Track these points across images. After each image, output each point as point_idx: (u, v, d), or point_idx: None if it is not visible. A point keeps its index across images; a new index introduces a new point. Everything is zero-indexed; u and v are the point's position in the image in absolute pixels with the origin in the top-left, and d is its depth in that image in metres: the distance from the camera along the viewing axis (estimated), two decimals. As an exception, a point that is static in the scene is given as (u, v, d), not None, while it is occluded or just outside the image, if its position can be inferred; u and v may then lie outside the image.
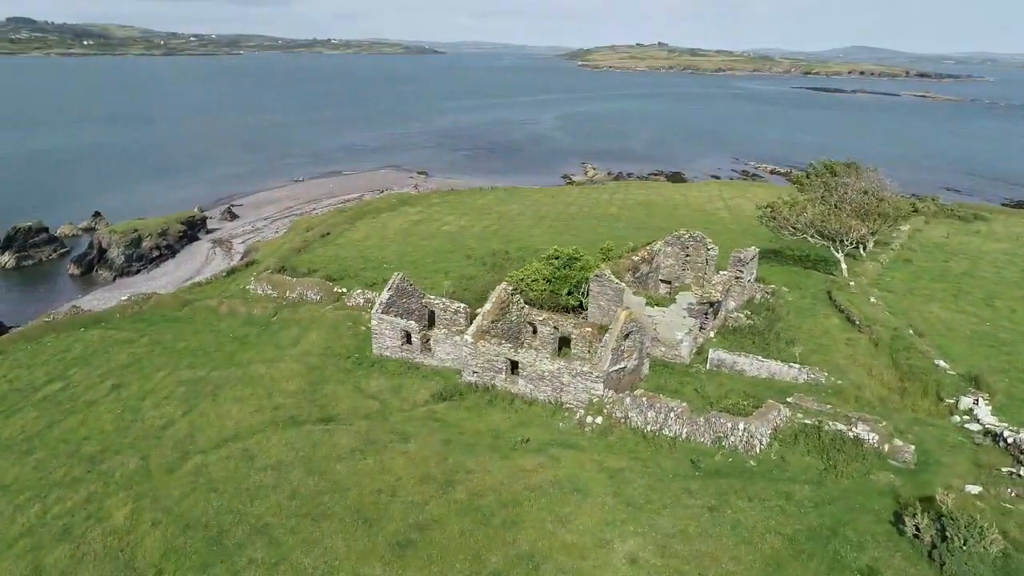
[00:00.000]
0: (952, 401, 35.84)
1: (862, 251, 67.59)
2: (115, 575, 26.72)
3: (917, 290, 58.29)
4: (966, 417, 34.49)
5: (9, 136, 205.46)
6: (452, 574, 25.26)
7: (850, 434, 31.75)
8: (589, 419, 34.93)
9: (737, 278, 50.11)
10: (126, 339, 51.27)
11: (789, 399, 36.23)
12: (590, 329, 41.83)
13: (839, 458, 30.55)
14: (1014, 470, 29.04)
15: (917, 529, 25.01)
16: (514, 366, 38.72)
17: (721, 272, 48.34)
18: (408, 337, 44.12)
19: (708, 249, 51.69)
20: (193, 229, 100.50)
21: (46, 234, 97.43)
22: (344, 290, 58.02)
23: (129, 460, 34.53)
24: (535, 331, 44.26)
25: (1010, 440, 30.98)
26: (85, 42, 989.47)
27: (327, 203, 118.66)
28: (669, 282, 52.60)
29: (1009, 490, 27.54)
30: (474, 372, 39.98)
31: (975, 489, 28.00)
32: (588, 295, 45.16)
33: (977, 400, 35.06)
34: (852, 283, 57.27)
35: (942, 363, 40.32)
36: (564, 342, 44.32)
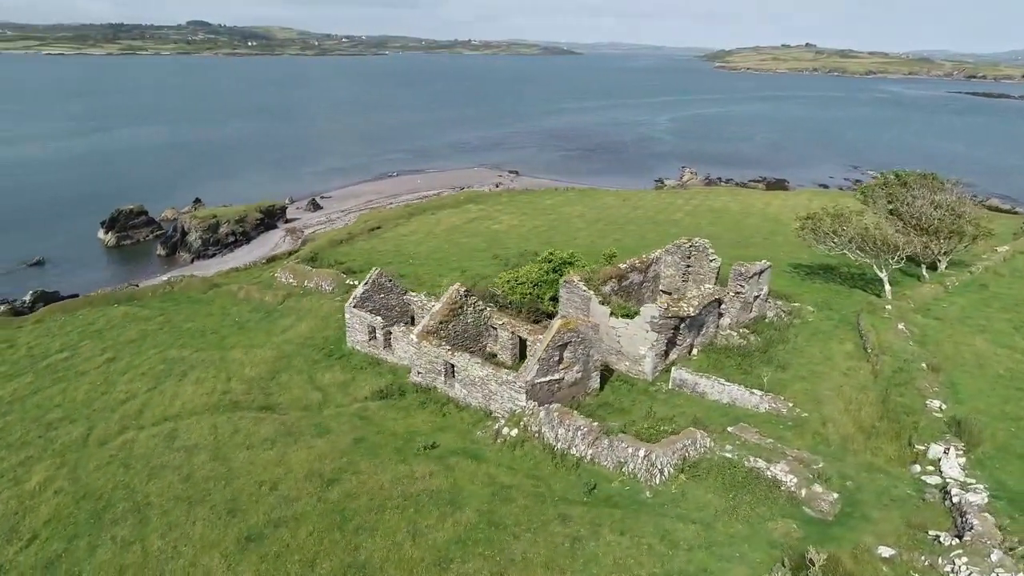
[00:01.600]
0: (922, 448, 31.06)
1: (925, 271, 60.51)
2: (0, 535, 28.35)
3: (971, 319, 51.18)
4: (930, 468, 29.76)
5: (160, 127, 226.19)
6: (277, 575, 24.78)
7: (767, 474, 28.27)
8: (506, 430, 33.32)
9: (737, 293, 46.14)
10: (145, 317, 54.72)
11: (730, 428, 32.94)
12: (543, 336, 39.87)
13: (745, 499, 27.27)
14: (940, 534, 24.65)
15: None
16: (453, 369, 37.63)
17: (705, 286, 44.72)
18: (373, 332, 44.05)
19: (710, 260, 48.06)
20: (272, 218, 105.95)
21: (145, 216, 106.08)
22: (355, 283, 58.90)
23: (76, 430, 36.69)
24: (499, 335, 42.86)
25: (955, 499, 26.37)
26: (250, 43, 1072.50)
27: (405, 198, 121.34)
28: (669, 293, 49.33)
29: (923, 558, 23.41)
30: (419, 372, 39.29)
31: (887, 552, 24.06)
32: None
33: (948, 449, 30.15)
34: (889, 306, 51.25)
35: (935, 404, 35.06)
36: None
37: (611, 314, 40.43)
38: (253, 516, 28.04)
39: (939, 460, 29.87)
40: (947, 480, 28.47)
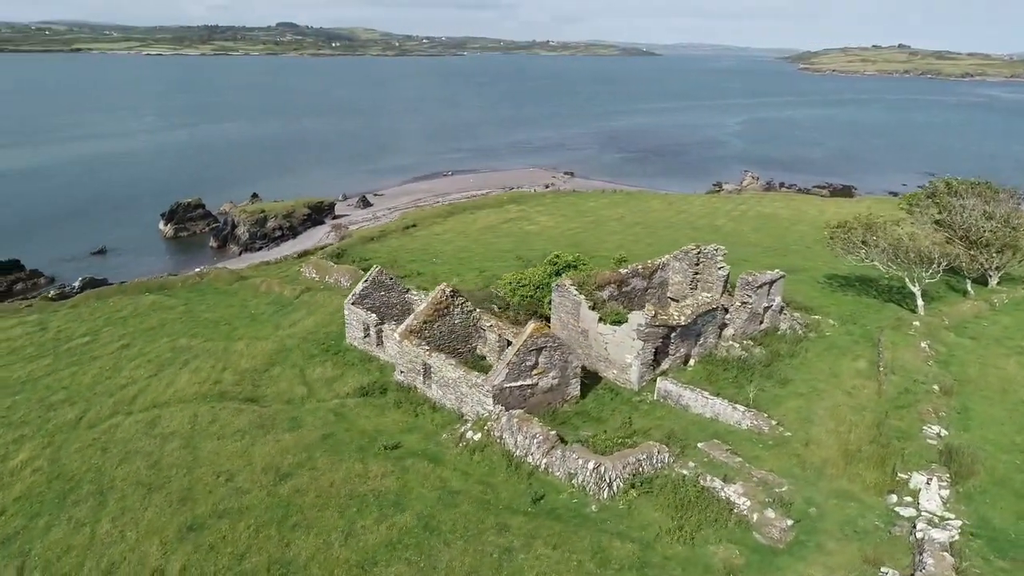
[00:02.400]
0: (905, 477, 28.77)
1: (970, 286, 56.51)
2: (-28, 510, 29.76)
3: (1011, 340, 47.31)
4: (908, 498, 27.52)
5: (236, 124, 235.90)
6: (206, 566, 25.05)
7: (721, 495, 26.77)
8: (470, 434, 32.78)
9: (744, 303, 44.10)
10: (169, 306, 56.80)
11: (700, 444, 31.48)
12: (527, 340, 39.07)
13: (692, 520, 25.89)
14: (889, 571, 22.71)
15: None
16: (430, 370, 37.35)
17: (703, 294, 42.90)
18: (368, 329, 44.26)
19: (718, 268, 46.14)
20: (319, 214, 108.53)
21: (202, 209, 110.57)
22: (372, 280, 59.45)
23: (71, 412, 38.20)
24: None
25: (918, 535, 24.28)
26: (334, 44, 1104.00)
27: (452, 197, 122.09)
28: (677, 300, 47.61)
29: (866, 597, 21.63)
30: (401, 371, 39.20)
31: (831, 587, 22.36)
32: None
33: (931, 480, 27.82)
34: (917, 323, 48.01)
35: (933, 430, 32.48)
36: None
37: (599, 320, 39.29)
38: (202, 506, 28.49)
39: (919, 491, 27.60)
40: (922, 513, 26.28)
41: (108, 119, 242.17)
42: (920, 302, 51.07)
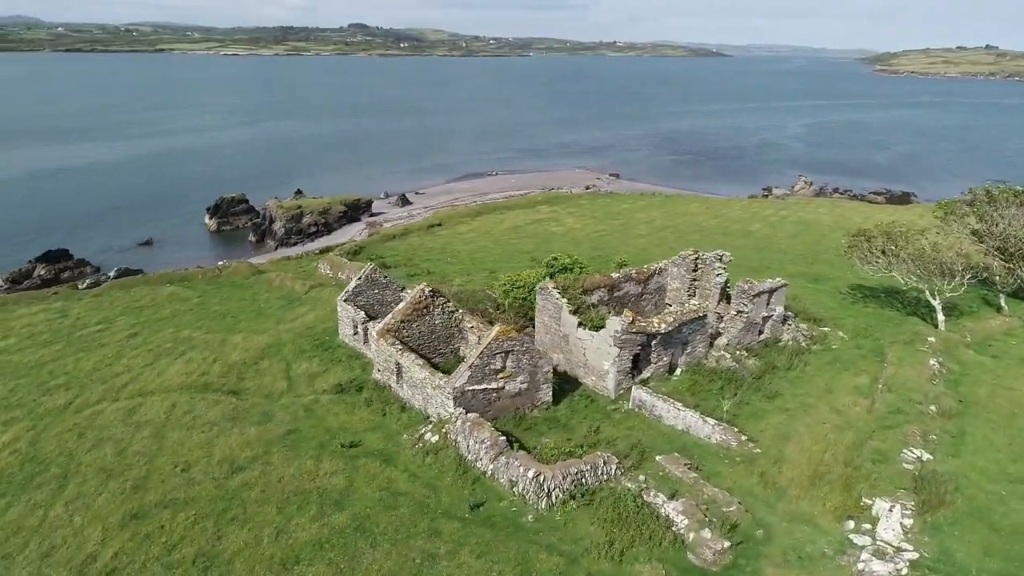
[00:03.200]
0: (869, 502, 26.97)
1: (1004, 301, 53.03)
2: (-54, 488, 31.08)
3: (1038, 360, 44.18)
4: (867, 526, 25.78)
5: (297, 122, 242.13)
6: (137, 554, 25.44)
7: (662, 511, 25.65)
8: (428, 436, 32.46)
9: (739, 312, 42.37)
10: (185, 297, 58.44)
11: (659, 457, 30.33)
12: (504, 343, 38.43)
13: (626, 535, 24.88)
14: (818, 605, 21.26)
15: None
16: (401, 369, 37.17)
17: (692, 301, 41.34)
18: (356, 327, 44.44)
19: (716, 275, 44.48)
20: (356, 211, 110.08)
21: (245, 204, 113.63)
22: (381, 277, 59.77)
23: (63, 397, 39.57)
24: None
25: (859, 566, 22.66)
26: (402, 44, 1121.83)
27: (491, 196, 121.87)
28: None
29: (786, 629, 20.29)
30: (378, 370, 39.17)
31: (753, 617, 21.10)
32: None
33: (893, 508, 25.97)
34: (933, 338, 45.22)
35: (913, 454, 30.38)
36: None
37: (579, 324, 38.36)
38: (151, 495, 29.03)
39: (879, 518, 25.83)
40: (876, 542, 24.56)
41: (177, 116, 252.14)
42: (940, 316, 48.13)
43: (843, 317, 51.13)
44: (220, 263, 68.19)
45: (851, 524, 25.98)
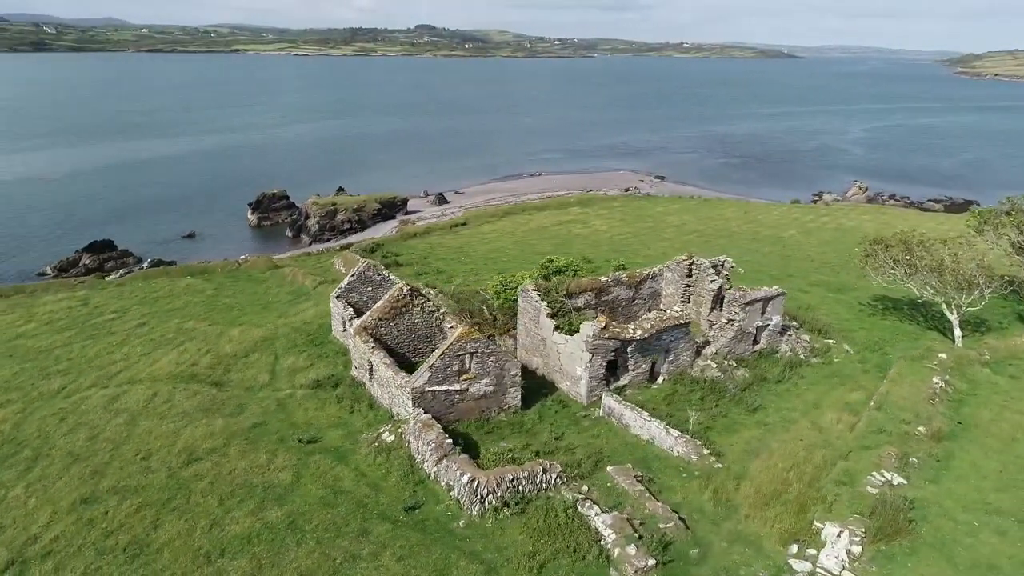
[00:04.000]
0: (820, 526, 25.43)
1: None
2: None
3: (1061, 382, 41.04)
4: (811, 551, 24.30)
5: (353, 120, 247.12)
6: (75, 539, 26.00)
7: (592, 524, 24.78)
8: (385, 435, 32.29)
9: (730, 320, 40.79)
10: (199, 289, 60.01)
11: (609, 468, 29.40)
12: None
13: (551, 547, 24.14)
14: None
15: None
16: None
17: (674, 308, 39.93)
18: (345, 323, 44.70)
19: (710, 281, 42.97)
20: (391, 209, 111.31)
21: (286, 200, 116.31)
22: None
23: (58, 382, 41.00)
24: (455, 339, 41.53)
25: (785, 595, 21.34)
26: (467, 45, 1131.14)
27: (528, 197, 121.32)
28: (669, 314, 44.76)
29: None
30: (356, 367, 39.28)
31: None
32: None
33: (842, 533, 24.39)
34: (944, 355, 42.55)
35: (882, 477, 28.51)
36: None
37: (556, 328, 37.60)
38: (107, 481, 29.72)
39: (824, 543, 24.32)
40: (816, 569, 23.14)
41: (239, 114, 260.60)
42: (957, 331, 45.36)
43: (855, 329, 48.78)
44: (241, 257, 69.74)
45: (795, 548, 24.56)
